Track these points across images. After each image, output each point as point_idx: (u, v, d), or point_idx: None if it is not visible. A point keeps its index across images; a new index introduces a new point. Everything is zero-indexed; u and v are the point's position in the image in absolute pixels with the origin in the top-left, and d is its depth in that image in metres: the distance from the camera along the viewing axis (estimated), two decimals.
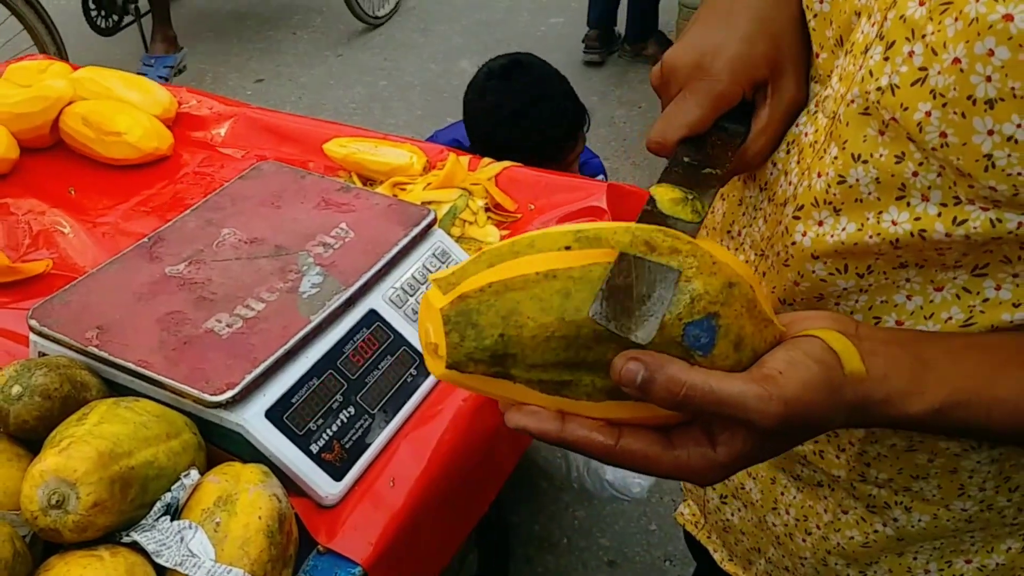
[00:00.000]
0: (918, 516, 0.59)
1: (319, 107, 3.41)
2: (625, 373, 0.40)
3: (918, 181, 0.46)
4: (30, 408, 0.72)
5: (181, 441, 0.73)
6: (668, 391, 0.40)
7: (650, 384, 0.40)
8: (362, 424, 0.85)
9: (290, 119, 1.40)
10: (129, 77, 1.40)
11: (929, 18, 0.43)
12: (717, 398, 0.40)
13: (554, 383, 0.42)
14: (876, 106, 0.46)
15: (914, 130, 0.44)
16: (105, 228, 1.18)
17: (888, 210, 0.48)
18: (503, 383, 0.43)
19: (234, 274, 0.92)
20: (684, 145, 0.53)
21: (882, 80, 0.46)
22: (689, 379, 0.40)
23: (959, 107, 0.42)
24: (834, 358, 0.44)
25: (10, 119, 1.26)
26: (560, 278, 0.42)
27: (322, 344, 0.86)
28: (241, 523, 0.68)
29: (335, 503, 0.81)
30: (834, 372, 0.43)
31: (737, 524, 0.75)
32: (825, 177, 0.50)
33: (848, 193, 0.49)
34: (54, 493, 0.63)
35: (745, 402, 0.40)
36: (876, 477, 0.59)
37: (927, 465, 0.56)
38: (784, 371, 0.42)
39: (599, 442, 0.43)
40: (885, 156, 0.47)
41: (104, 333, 0.83)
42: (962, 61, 0.41)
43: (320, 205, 1.02)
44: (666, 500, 1.89)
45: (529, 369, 0.42)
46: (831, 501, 0.64)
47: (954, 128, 0.43)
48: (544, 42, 3.80)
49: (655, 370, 0.40)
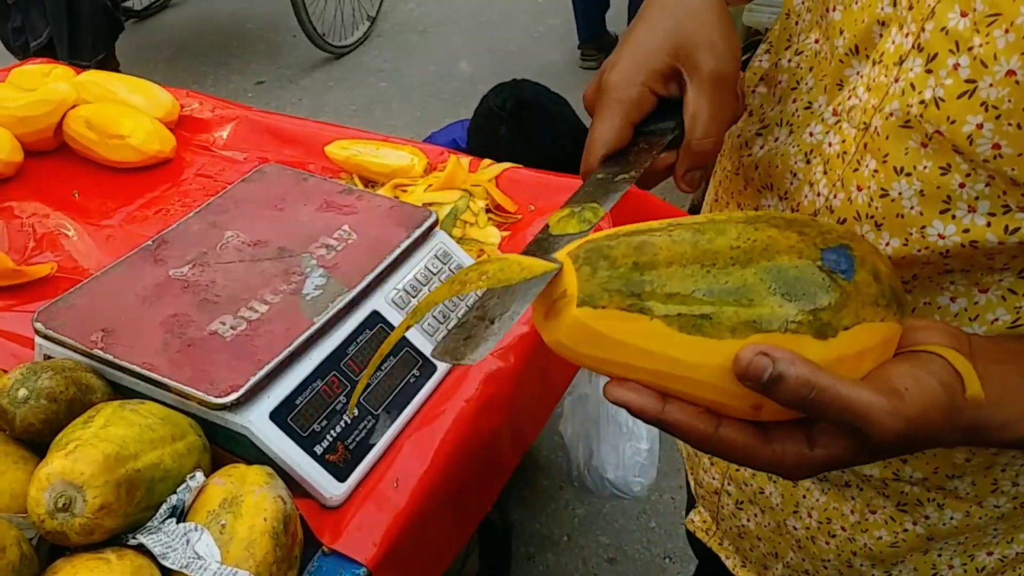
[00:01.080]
0: (950, 513, 0.59)
1: (320, 109, 3.42)
2: (752, 368, 0.39)
3: (965, 192, 0.46)
4: (36, 411, 0.72)
5: (186, 443, 0.74)
6: (796, 393, 0.39)
7: (779, 382, 0.39)
8: (365, 425, 0.86)
9: (292, 122, 1.41)
10: (133, 80, 1.40)
11: (975, 30, 0.43)
12: (844, 405, 0.39)
13: (693, 318, 0.40)
14: (919, 119, 0.46)
15: (963, 143, 0.44)
16: (109, 231, 1.18)
17: (932, 223, 0.48)
18: (638, 320, 0.40)
19: (238, 276, 0.92)
20: (606, 162, 0.53)
21: (925, 93, 0.45)
22: (819, 382, 0.39)
23: (1014, 118, 0.42)
24: (957, 381, 0.43)
25: (14, 122, 1.27)
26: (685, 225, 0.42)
27: (325, 346, 0.87)
28: (246, 525, 0.69)
29: (339, 504, 0.81)
30: (956, 396, 0.43)
31: (753, 529, 0.74)
32: (867, 191, 0.50)
33: (890, 207, 0.49)
34: (61, 496, 0.63)
35: (869, 413, 0.40)
36: (911, 476, 0.59)
37: (964, 464, 0.57)
38: (910, 388, 0.41)
39: (698, 428, 0.42)
40: (929, 168, 0.47)
41: (109, 336, 0.84)
42: (1017, 73, 0.41)
43: (323, 207, 1.03)
44: (665, 498, 1.89)
45: (667, 300, 0.40)
46: (859, 501, 0.63)
47: (1008, 139, 0.42)
48: (542, 43, 3.81)
49: (786, 367, 0.38)
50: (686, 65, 0.52)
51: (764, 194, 0.61)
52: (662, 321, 0.40)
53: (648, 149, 0.53)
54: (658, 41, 0.52)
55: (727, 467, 0.74)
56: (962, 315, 0.51)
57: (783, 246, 0.41)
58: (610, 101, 0.53)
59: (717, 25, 0.53)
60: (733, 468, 0.73)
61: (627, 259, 0.40)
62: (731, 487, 0.74)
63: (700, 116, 0.52)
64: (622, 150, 0.53)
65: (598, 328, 0.40)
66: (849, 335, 0.41)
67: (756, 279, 0.40)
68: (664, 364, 0.40)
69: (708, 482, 0.78)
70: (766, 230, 0.41)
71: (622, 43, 0.55)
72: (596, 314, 0.40)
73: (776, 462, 0.43)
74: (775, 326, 0.40)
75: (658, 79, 0.53)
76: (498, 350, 0.97)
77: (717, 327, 0.40)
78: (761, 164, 0.60)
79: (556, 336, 0.42)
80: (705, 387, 0.41)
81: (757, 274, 0.40)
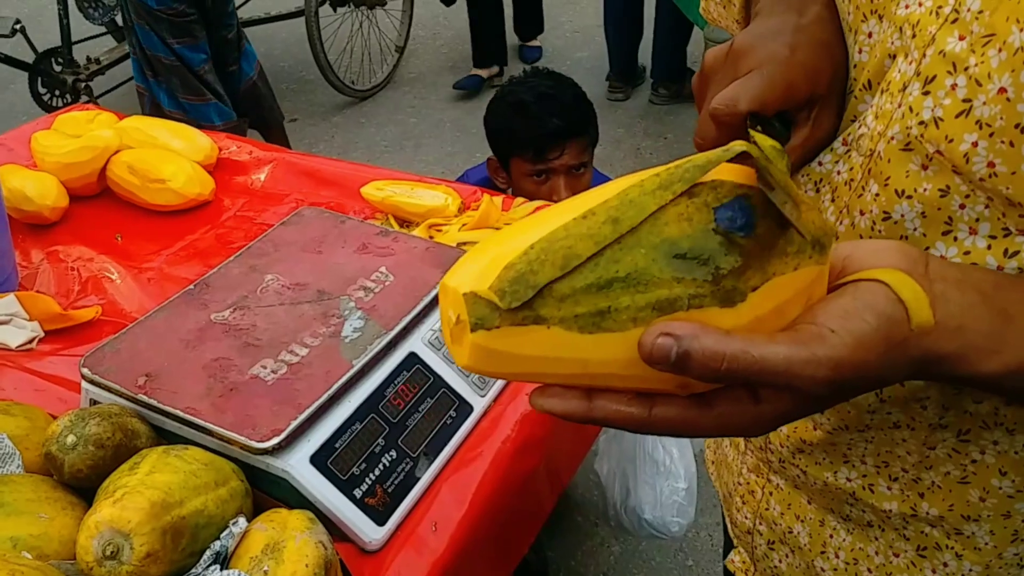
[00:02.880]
0: (969, 565, 0.58)
1: (352, 145, 3.47)
2: (656, 350, 0.37)
3: (965, 214, 0.46)
4: (84, 457, 0.74)
5: (229, 488, 0.75)
6: (706, 366, 0.37)
7: (686, 360, 0.36)
8: (404, 468, 0.86)
9: (328, 163, 1.44)
10: (173, 125, 1.44)
11: (971, 51, 0.43)
12: (761, 367, 0.37)
13: (591, 316, 0.37)
14: (919, 140, 0.46)
15: (960, 162, 0.44)
16: (151, 273, 1.21)
17: (935, 245, 0.48)
18: (536, 332, 0.38)
19: (278, 320, 0.94)
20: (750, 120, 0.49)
21: (924, 114, 0.46)
22: (729, 350, 0.37)
23: (1007, 136, 0.42)
24: (900, 310, 0.40)
25: (60, 168, 1.30)
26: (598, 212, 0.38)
27: (364, 388, 0.88)
28: (288, 571, 0.69)
29: (379, 548, 0.82)
30: (897, 327, 0.40)
31: (786, 571, 0.73)
32: (869, 215, 0.50)
33: (893, 230, 0.49)
34: (109, 544, 0.64)
35: (790, 368, 0.37)
36: (928, 512, 0.58)
37: (979, 504, 0.56)
38: (837, 329, 0.39)
39: (632, 414, 0.40)
40: (929, 190, 0.47)
41: (153, 380, 0.86)
42: (1008, 90, 0.41)
43: (360, 249, 1.04)
44: (703, 536, 1.87)
45: (560, 303, 0.37)
46: (882, 542, 0.63)
47: (1002, 157, 0.43)
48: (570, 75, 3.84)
49: (690, 343, 0.36)
50: (823, 107, 0.53)
51: None
52: (560, 327, 0.37)
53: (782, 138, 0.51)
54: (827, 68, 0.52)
55: (757, 506, 0.74)
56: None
57: (671, 216, 0.38)
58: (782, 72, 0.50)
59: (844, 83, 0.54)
60: (763, 507, 0.73)
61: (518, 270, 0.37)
62: (762, 527, 0.74)
63: (794, 152, 0.53)
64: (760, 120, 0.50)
65: (498, 348, 0.38)
66: (760, 295, 0.38)
67: (647, 260, 0.37)
68: (575, 367, 0.38)
69: (741, 521, 0.77)
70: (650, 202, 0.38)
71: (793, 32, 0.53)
72: (492, 336, 0.38)
73: (724, 424, 0.40)
74: (677, 305, 0.37)
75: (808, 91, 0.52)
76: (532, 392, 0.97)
77: (618, 320, 0.37)
78: None
79: (463, 361, 0.40)
80: (624, 379, 0.39)
81: (647, 255, 0.37)
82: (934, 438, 0.55)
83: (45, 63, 3.24)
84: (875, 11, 0.51)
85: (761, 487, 0.72)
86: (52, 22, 3.33)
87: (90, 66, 3.28)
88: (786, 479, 0.68)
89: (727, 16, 0.65)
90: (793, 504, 0.69)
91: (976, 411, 0.52)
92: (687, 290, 0.37)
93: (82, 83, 3.24)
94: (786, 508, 0.69)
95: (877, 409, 0.56)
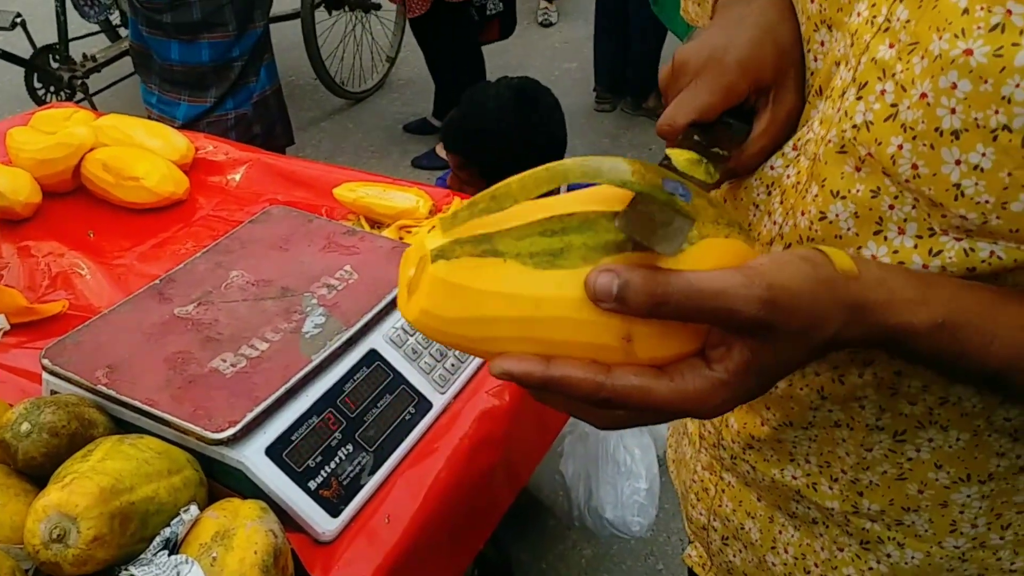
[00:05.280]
0: (911, 553, 0.60)
1: (338, 150, 3.49)
2: (600, 287, 0.39)
3: (894, 214, 0.48)
4: (38, 445, 0.74)
5: (182, 477, 0.76)
6: (647, 293, 0.38)
7: (627, 289, 0.38)
8: (360, 461, 0.87)
9: (302, 164, 1.45)
10: (150, 124, 1.45)
11: (898, 58, 0.46)
12: (698, 290, 0.39)
13: (546, 254, 0.40)
14: (852, 143, 0.49)
15: (888, 163, 0.46)
16: (121, 270, 1.22)
17: (867, 244, 0.50)
18: (493, 264, 0.40)
19: (241, 315, 0.95)
20: (692, 129, 0.53)
21: (857, 118, 0.48)
22: (664, 278, 0.39)
23: (928, 139, 0.44)
24: (822, 256, 0.43)
25: (34, 165, 1.31)
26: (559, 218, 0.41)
27: (323, 383, 0.89)
28: (237, 558, 0.70)
29: (332, 539, 0.83)
30: (823, 267, 0.42)
31: (739, 565, 0.75)
32: (808, 215, 0.53)
33: (828, 229, 0.51)
34: (55, 527, 0.65)
35: (725, 289, 0.39)
36: (868, 508, 0.60)
37: (917, 496, 0.57)
38: (767, 261, 0.41)
39: (590, 379, 0.40)
40: (862, 191, 0.49)
41: (113, 372, 0.87)
42: (928, 96, 0.43)
43: (326, 248, 1.06)
44: (673, 540, 1.88)
45: (517, 240, 0.40)
46: (827, 538, 0.64)
47: (924, 159, 0.45)
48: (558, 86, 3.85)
49: (630, 274, 0.38)
50: (779, 89, 0.55)
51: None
52: (516, 261, 0.40)
53: (727, 140, 0.54)
54: (771, 54, 0.55)
55: (711, 503, 0.75)
56: None
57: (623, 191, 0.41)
58: (720, 78, 0.54)
59: (802, 63, 0.56)
60: (716, 504, 0.74)
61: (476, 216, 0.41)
62: (716, 523, 0.75)
63: (764, 137, 0.55)
64: (707, 125, 0.54)
65: (456, 281, 0.40)
66: (697, 249, 0.41)
67: (598, 214, 0.41)
68: (527, 306, 0.40)
69: (696, 518, 0.79)
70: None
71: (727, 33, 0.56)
72: (451, 266, 0.40)
73: (682, 395, 0.41)
74: (624, 247, 0.40)
75: (757, 87, 0.55)
76: (492, 388, 0.99)
77: (569, 258, 0.40)
78: (728, 197, 0.62)
79: (420, 304, 0.41)
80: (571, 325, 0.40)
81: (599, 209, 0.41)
82: (871, 439, 0.57)
83: (42, 59, 3.26)
84: (825, 21, 0.54)
85: (714, 484, 0.74)
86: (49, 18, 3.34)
87: (86, 63, 3.30)
88: (737, 476, 0.70)
89: (702, 15, 0.68)
90: (744, 501, 0.70)
91: (911, 412, 0.54)
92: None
93: (78, 80, 3.26)
94: (737, 505, 0.71)
95: (819, 406, 0.58)
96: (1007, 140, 0.41)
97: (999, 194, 0.43)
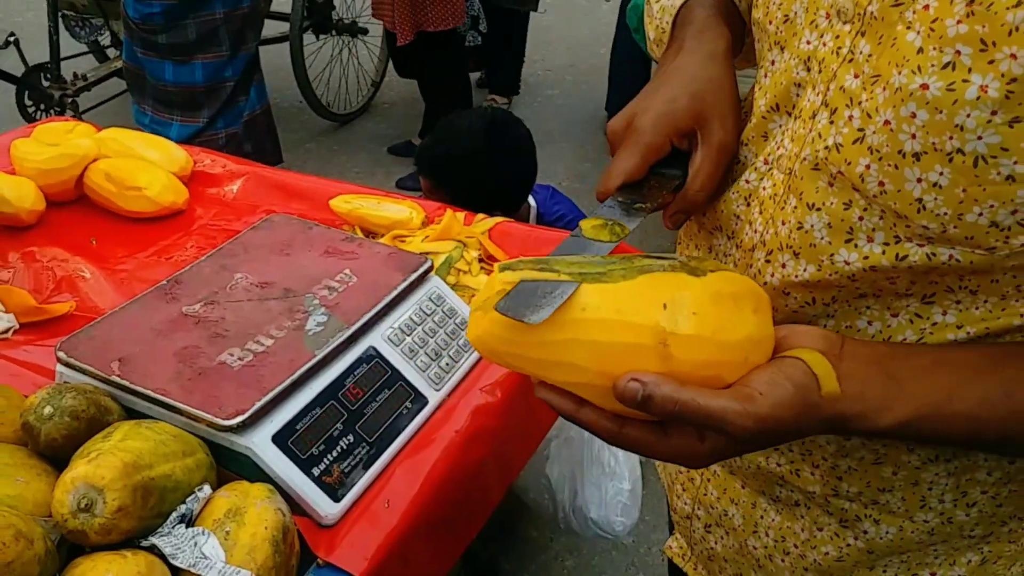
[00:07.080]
0: (885, 528, 0.66)
1: (324, 172, 3.53)
2: (627, 391, 0.49)
3: (864, 224, 0.55)
4: (60, 427, 0.79)
5: (195, 459, 0.80)
6: (663, 408, 0.49)
7: (649, 401, 0.49)
8: (360, 450, 0.92)
9: (298, 177, 1.50)
10: (149, 137, 1.50)
11: (863, 88, 0.52)
12: (705, 413, 0.49)
13: (593, 274, 0.51)
14: (825, 162, 0.55)
15: (857, 181, 0.53)
16: (123, 275, 1.26)
17: (839, 251, 0.56)
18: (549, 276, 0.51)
19: (246, 314, 1.00)
20: (621, 190, 0.63)
21: (828, 140, 0.55)
22: (681, 397, 0.49)
23: (892, 160, 0.51)
24: (813, 381, 0.52)
25: (38, 174, 1.36)
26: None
27: (325, 377, 0.94)
28: (249, 532, 0.74)
29: (334, 523, 0.87)
30: (809, 395, 0.51)
31: (720, 552, 0.80)
32: (788, 225, 0.59)
33: (804, 238, 0.58)
34: (83, 497, 0.69)
35: (725, 416, 0.49)
36: (847, 491, 0.66)
37: (892, 478, 0.63)
38: (764, 392, 0.50)
39: (606, 427, 0.52)
40: (835, 204, 0.56)
41: (126, 364, 0.91)
42: (891, 123, 0.50)
43: (326, 253, 1.11)
44: (654, 551, 1.93)
45: (570, 267, 0.51)
46: (807, 519, 0.70)
47: (889, 178, 0.51)
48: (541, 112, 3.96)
49: (654, 388, 0.49)
50: (703, 130, 0.64)
51: (715, 235, 0.70)
52: (568, 277, 0.51)
53: (658, 187, 0.64)
54: (684, 104, 0.63)
55: (696, 492, 0.80)
56: (877, 336, 0.59)
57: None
58: (637, 141, 0.63)
59: (730, 101, 0.65)
60: (701, 492, 0.80)
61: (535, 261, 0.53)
62: (700, 511, 0.81)
63: (701, 174, 0.63)
64: (636, 183, 0.64)
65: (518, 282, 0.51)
66: (716, 277, 0.52)
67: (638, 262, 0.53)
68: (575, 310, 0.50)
69: (681, 508, 0.84)
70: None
71: (651, 94, 0.66)
72: (514, 275, 0.51)
73: (675, 454, 0.53)
74: (656, 268, 0.51)
75: (678, 135, 0.64)
76: (485, 385, 1.04)
77: (612, 277, 0.51)
78: (709, 210, 0.69)
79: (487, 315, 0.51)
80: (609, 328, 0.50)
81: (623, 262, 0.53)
82: None
83: (33, 77, 3.30)
84: (778, 43, 0.61)
85: (700, 474, 0.79)
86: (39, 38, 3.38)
87: (76, 82, 3.34)
88: (723, 464, 0.76)
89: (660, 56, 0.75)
90: (728, 488, 0.76)
91: None
92: (664, 263, 0.52)
93: (68, 98, 3.30)
94: (722, 492, 0.77)
95: None
96: (961, 161, 0.48)
97: (955, 207, 0.50)
